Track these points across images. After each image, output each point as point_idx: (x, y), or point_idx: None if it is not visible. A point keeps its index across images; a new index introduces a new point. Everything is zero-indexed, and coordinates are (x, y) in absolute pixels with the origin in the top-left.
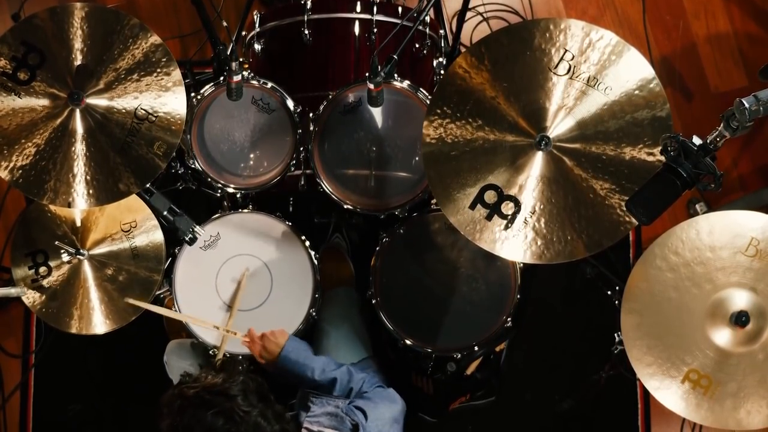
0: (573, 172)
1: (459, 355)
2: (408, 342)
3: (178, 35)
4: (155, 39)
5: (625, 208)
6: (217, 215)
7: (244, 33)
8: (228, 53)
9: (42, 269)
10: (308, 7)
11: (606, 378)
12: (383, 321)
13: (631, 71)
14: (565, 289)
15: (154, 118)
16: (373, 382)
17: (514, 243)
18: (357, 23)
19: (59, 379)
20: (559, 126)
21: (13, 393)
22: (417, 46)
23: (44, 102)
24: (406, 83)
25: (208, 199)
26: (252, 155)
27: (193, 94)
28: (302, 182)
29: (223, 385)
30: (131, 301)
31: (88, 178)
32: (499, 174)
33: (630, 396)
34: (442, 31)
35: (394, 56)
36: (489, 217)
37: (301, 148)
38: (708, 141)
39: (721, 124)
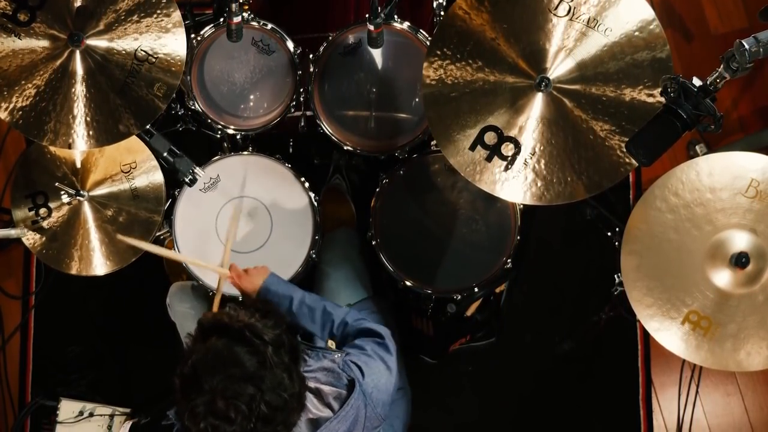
0: (573, 114)
1: (459, 297)
2: (408, 283)
3: None
4: None
5: (625, 150)
6: (217, 157)
7: None
8: None
9: (42, 210)
10: None
11: (606, 319)
12: (383, 262)
13: (631, 12)
14: (565, 230)
15: (154, 60)
16: (355, 315)
17: (514, 184)
18: None
19: (59, 321)
20: (559, 67)
21: (13, 334)
22: None
23: (44, 43)
24: (406, 24)
25: (208, 140)
26: (252, 96)
27: (193, 36)
28: (302, 124)
29: (263, 330)
30: (125, 239)
31: (88, 119)
32: (499, 115)
33: (630, 337)
34: None
35: None
36: (489, 159)
37: (301, 90)
38: (708, 82)
39: (721, 66)
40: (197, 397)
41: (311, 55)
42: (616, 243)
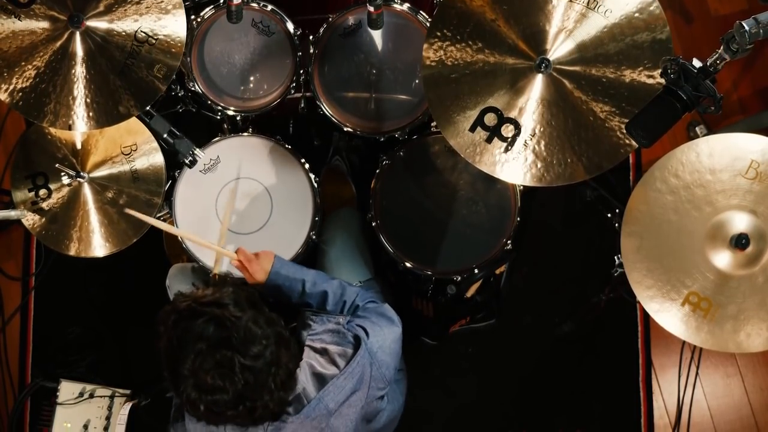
0: (573, 95)
1: (459, 278)
2: (408, 265)
3: None
4: None
5: (625, 131)
6: (216, 138)
7: None
8: None
9: (42, 192)
10: None
11: (606, 301)
12: (383, 243)
13: None
14: (565, 211)
15: (154, 41)
16: (366, 297)
17: (514, 166)
18: None
19: (59, 302)
20: (559, 49)
21: (13, 316)
22: None
23: (44, 25)
24: (406, 6)
25: (208, 122)
26: (252, 78)
27: (192, 17)
28: (302, 105)
29: (213, 296)
30: (131, 212)
31: (88, 100)
32: (499, 97)
33: (630, 319)
34: None
35: None
36: (489, 140)
37: (301, 71)
38: (708, 64)
39: (721, 47)
40: (184, 385)
41: (311, 37)
42: (616, 224)
